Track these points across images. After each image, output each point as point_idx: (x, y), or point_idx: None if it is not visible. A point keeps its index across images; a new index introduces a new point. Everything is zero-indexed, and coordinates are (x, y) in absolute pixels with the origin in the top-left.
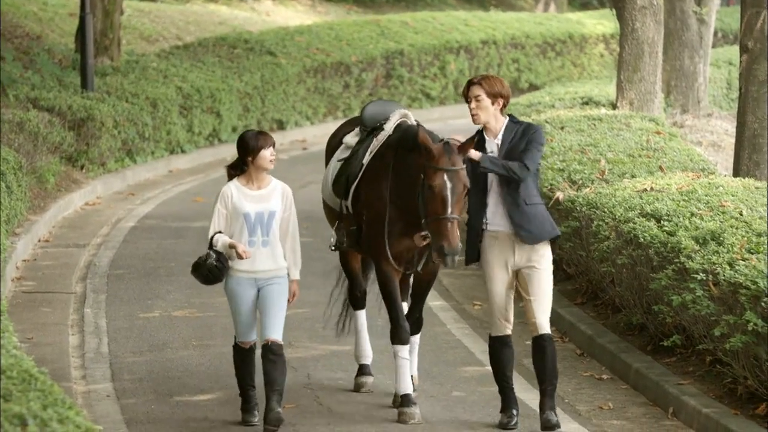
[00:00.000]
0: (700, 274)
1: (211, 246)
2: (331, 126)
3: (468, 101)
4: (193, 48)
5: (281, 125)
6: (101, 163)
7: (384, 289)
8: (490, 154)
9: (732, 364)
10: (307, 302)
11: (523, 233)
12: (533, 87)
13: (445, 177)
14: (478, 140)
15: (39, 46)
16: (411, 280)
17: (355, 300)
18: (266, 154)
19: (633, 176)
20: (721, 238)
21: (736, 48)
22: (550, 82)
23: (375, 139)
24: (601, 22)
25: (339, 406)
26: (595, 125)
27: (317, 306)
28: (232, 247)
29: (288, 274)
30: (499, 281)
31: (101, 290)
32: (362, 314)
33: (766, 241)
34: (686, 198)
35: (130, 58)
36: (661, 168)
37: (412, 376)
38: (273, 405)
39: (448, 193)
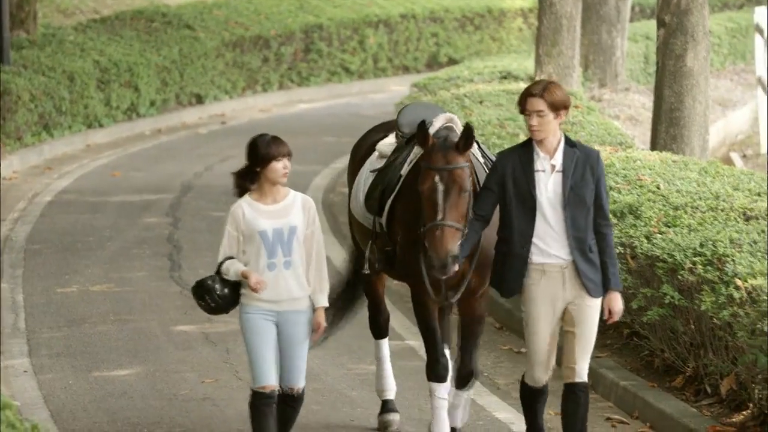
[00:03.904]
0: (618, 247)
1: (218, 272)
2: (250, 100)
3: (526, 115)
4: (111, 21)
5: (200, 99)
6: (18, 137)
7: (420, 319)
8: (539, 172)
9: (649, 337)
10: None
11: (590, 285)
12: (452, 61)
13: (436, 178)
14: (522, 153)
15: None
16: (452, 319)
17: (378, 328)
18: (278, 167)
19: None
20: (639, 212)
21: (653, 22)
22: (469, 57)
23: (416, 147)
24: None
25: None
26: (513, 99)
27: None
28: (245, 276)
29: (312, 302)
30: (544, 323)
31: (18, 265)
32: (385, 343)
33: (683, 215)
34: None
35: (47, 32)
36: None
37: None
38: None
39: (439, 196)
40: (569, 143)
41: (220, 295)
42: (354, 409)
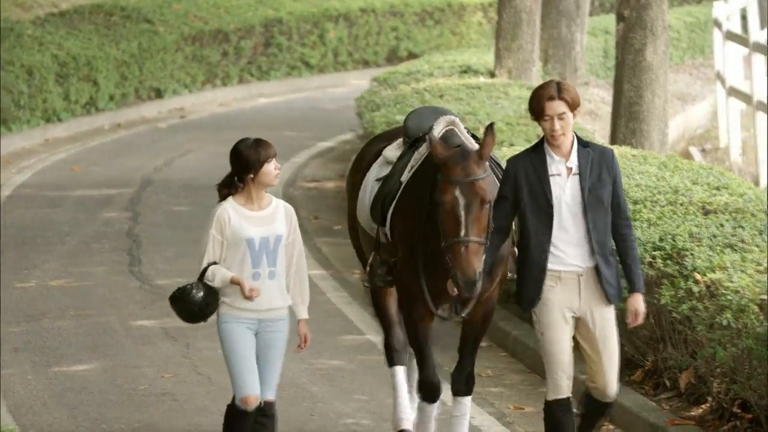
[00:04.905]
0: None
1: (201, 278)
2: (210, 95)
3: (544, 119)
4: (69, 15)
5: (159, 94)
6: None
7: (412, 336)
8: (555, 176)
9: None
10: (186, 270)
11: (611, 290)
12: (412, 55)
13: (457, 191)
14: (534, 157)
15: None
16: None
17: (393, 354)
18: (270, 169)
19: (511, 145)
20: None
21: (613, 16)
22: (429, 51)
23: (416, 153)
24: None
25: (218, 374)
26: (473, 94)
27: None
28: (235, 283)
29: (294, 313)
30: (562, 331)
31: None
32: (401, 371)
33: (642, 209)
34: None
35: (5, 26)
36: (539, 136)
37: None
38: None
39: (461, 210)
40: (582, 143)
41: (194, 301)
42: (315, 404)
